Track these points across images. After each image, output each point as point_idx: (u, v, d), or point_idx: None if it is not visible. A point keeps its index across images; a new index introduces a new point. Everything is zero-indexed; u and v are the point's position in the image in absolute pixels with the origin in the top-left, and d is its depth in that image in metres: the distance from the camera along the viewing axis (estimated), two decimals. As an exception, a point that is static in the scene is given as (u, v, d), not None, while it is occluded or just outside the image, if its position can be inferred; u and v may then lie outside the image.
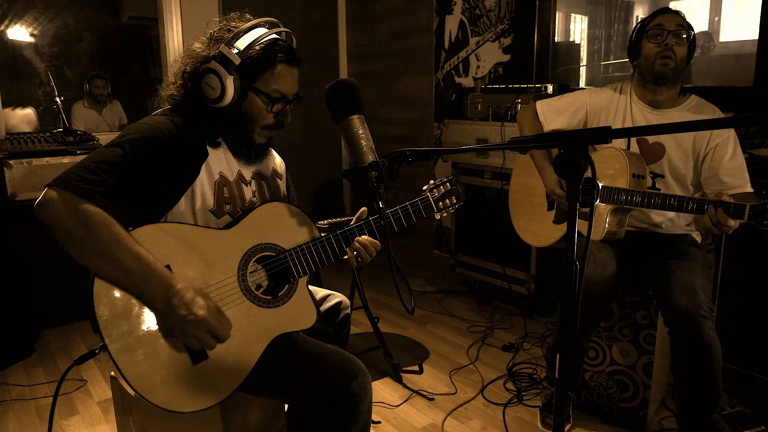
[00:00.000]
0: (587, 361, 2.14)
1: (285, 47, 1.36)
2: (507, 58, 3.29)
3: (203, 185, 1.35)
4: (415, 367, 2.57)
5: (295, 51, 1.39)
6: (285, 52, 1.36)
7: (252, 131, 1.41)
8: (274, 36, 1.36)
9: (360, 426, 1.34)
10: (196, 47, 1.37)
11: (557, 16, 3.27)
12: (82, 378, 2.49)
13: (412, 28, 3.89)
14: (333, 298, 1.68)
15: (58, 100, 3.33)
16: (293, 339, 1.39)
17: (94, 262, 1.19)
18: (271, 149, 1.59)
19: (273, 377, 1.34)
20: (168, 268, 1.23)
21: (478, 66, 3.47)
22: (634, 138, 1.98)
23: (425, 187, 1.57)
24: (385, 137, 4.10)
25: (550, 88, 2.91)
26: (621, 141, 2.00)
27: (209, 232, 1.32)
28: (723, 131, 1.89)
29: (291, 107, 1.43)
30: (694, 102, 1.97)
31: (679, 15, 1.90)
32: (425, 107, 3.86)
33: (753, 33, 2.42)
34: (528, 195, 2.21)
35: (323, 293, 1.69)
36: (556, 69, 3.32)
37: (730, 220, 1.62)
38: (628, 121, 1.99)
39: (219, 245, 1.31)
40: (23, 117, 4.38)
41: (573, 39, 3.64)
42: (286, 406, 1.62)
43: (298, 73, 1.41)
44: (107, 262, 1.18)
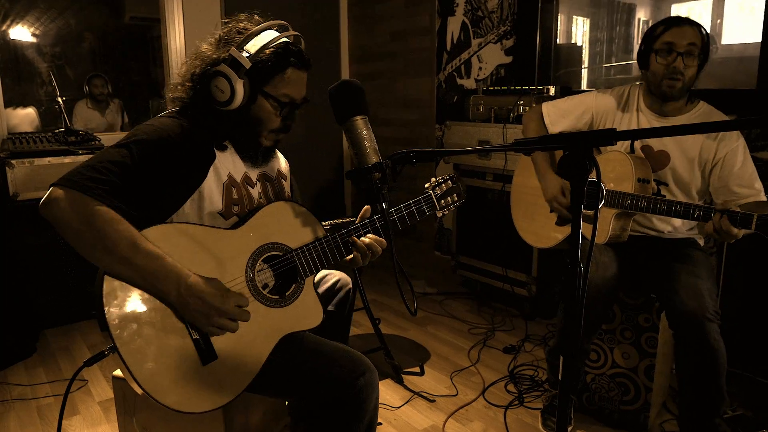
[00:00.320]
0: (589, 364, 2.14)
1: (295, 51, 1.35)
2: (509, 59, 3.29)
3: (211, 188, 1.34)
4: (416, 369, 2.56)
5: (305, 55, 1.38)
6: (295, 56, 1.35)
7: (260, 134, 1.41)
8: (284, 40, 1.35)
9: (367, 422, 1.34)
10: (204, 49, 1.37)
11: (559, 18, 3.27)
12: (83, 378, 2.48)
13: (413, 29, 3.89)
14: (330, 277, 1.67)
15: (59, 100, 3.33)
16: (299, 337, 1.40)
17: (102, 260, 1.18)
18: (277, 151, 1.59)
19: (280, 376, 1.34)
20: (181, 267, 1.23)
21: (480, 68, 3.47)
22: (638, 145, 1.98)
23: (427, 185, 1.57)
24: (385, 139, 4.10)
25: (552, 90, 2.91)
26: (625, 147, 1.98)
27: (217, 232, 1.32)
28: (732, 141, 1.85)
29: (299, 111, 1.43)
30: (702, 110, 1.94)
31: (693, 27, 1.81)
32: (426, 109, 3.86)
33: (756, 36, 2.42)
34: (531, 195, 2.21)
35: (319, 275, 1.67)
36: (558, 71, 3.33)
37: (733, 228, 1.60)
38: (633, 127, 1.97)
39: (227, 245, 1.32)
40: (25, 117, 4.38)
41: (575, 41, 3.64)
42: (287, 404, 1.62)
43: (306, 77, 1.41)
44: (116, 259, 1.17)
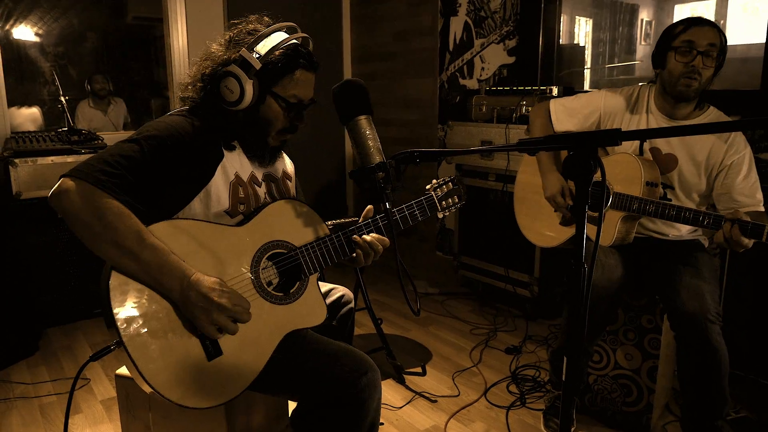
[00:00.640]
0: (591, 365, 2.14)
1: (304, 53, 1.37)
2: (512, 60, 3.29)
3: (218, 187, 1.35)
4: (418, 369, 2.56)
5: (313, 56, 1.40)
6: (304, 57, 1.37)
7: (268, 134, 1.42)
8: (293, 41, 1.37)
9: (369, 422, 1.34)
10: (215, 50, 1.38)
11: (562, 18, 3.27)
12: (85, 377, 2.49)
13: (415, 29, 3.89)
14: (336, 292, 1.69)
15: (62, 99, 3.33)
16: (302, 336, 1.40)
17: (109, 253, 1.19)
18: (283, 152, 1.61)
19: (282, 374, 1.34)
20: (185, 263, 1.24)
21: (482, 68, 3.46)
22: (647, 147, 1.97)
23: (428, 187, 1.58)
24: (388, 139, 4.10)
25: (555, 90, 2.90)
26: (633, 149, 1.97)
27: (223, 229, 1.33)
28: (739, 149, 1.85)
29: (306, 111, 1.44)
30: (712, 115, 1.93)
31: (714, 29, 1.78)
32: (428, 109, 3.86)
33: (759, 36, 2.41)
34: (535, 194, 2.19)
35: (326, 288, 1.69)
36: (560, 71, 3.32)
37: (743, 238, 1.60)
38: (642, 128, 1.97)
39: (232, 242, 1.32)
40: (28, 116, 4.39)
41: (577, 41, 3.64)
42: (290, 405, 1.62)
43: (314, 78, 1.42)
44: (123, 253, 1.18)
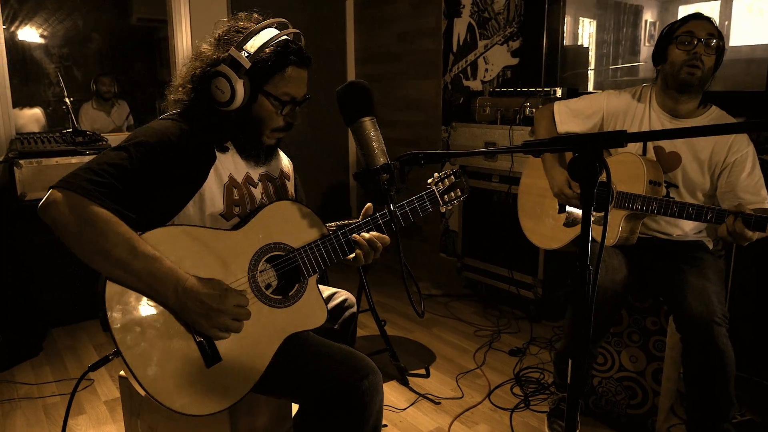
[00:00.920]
0: (596, 367, 2.13)
1: (295, 50, 1.35)
2: (515, 61, 3.28)
3: (212, 190, 1.34)
4: (422, 371, 2.56)
5: (305, 52, 1.37)
6: (295, 54, 1.34)
7: (261, 133, 1.40)
8: (283, 38, 1.34)
9: (371, 425, 1.33)
10: (204, 49, 1.36)
11: (566, 19, 3.26)
12: (89, 377, 2.48)
13: (419, 30, 3.88)
14: (339, 296, 1.67)
15: (67, 100, 3.34)
16: (303, 338, 1.39)
17: (101, 263, 1.17)
18: (279, 150, 1.58)
19: (284, 377, 1.33)
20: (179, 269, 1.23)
21: (486, 69, 3.46)
22: (651, 146, 1.96)
23: (430, 180, 1.56)
24: (391, 140, 4.08)
25: (558, 91, 2.90)
26: (637, 148, 1.97)
27: (219, 233, 1.31)
28: (742, 147, 1.85)
29: (300, 108, 1.42)
30: (714, 114, 1.93)
31: (711, 22, 1.85)
32: (432, 110, 3.86)
33: (764, 37, 2.41)
34: (538, 196, 2.20)
35: (329, 291, 1.68)
36: (564, 72, 3.31)
37: (747, 231, 1.60)
38: (645, 129, 1.96)
39: (228, 246, 1.31)
40: (31, 116, 4.41)
41: (581, 43, 3.64)
42: (293, 407, 1.61)
43: (307, 74, 1.40)
44: (114, 263, 1.16)
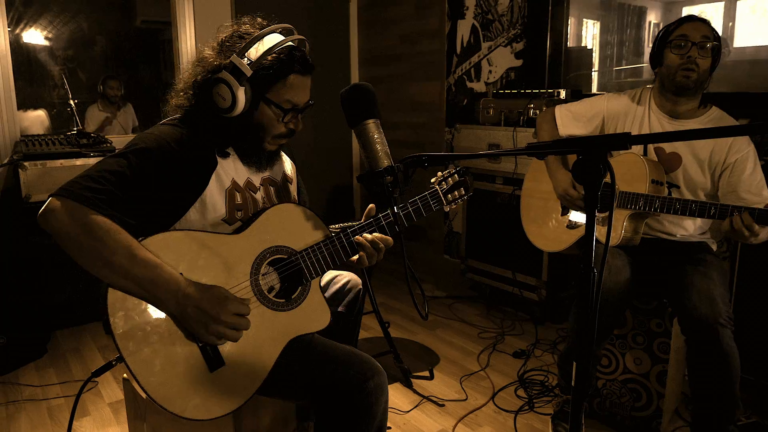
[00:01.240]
0: (600, 369, 2.12)
1: (298, 57, 1.33)
2: (519, 63, 3.28)
3: (213, 195, 1.34)
4: (426, 373, 2.56)
5: (308, 59, 1.36)
6: (298, 62, 1.33)
7: (263, 140, 1.40)
8: (287, 45, 1.33)
9: (376, 426, 1.33)
10: (206, 54, 1.35)
11: (569, 21, 3.26)
12: (93, 380, 2.49)
13: (423, 32, 3.89)
14: (341, 278, 1.65)
15: (71, 102, 3.35)
16: (307, 340, 1.39)
17: (101, 270, 1.17)
18: (282, 153, 1.58)
19: (288, 379, 1.33)
20: (180, 275, 1.23)
21: (490, 71, 3.46)
22: (651, 147, 1.96)
23: (433, 180, 1.55)
24: (395, 142, 4.09)
25: (562, 93, 2.90)
26: (638, 149, 1.97)
27: (221, 237, 1.31)
28: (742, 147, 1.85)
29: (302, 115, 1.42)
30: (714, 114, 1.93)
31: (705, 24, 1.85)
32: (435, 112, 3.86)
33: (769, 39, 2.40)
34: (541, 200, 2.20)
35: (331, 275, 1.66)
36: (568, 74, 3.31)
37: (755, 224, 1.60)
38: (645, 130, 1.96)
39: (231, 250, 1.31)
40: (35, 119, 4.42)
41: (585, 44, 3.63)
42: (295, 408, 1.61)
43: (310, 81, 1.39)
44: (114, 270, 1.16)
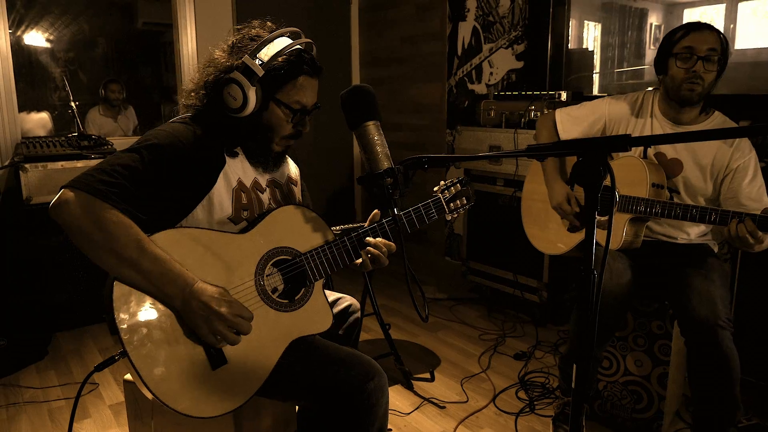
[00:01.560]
0: (601, 371, 2.12)
1: (307, 59, 1.37)
2: (520, 64, 3.29)
3: (221, 194, 1.35)
4: (427, 375, 2.55)
5: (317, 62, 1.39)
6: (307, 64, 1.36)
7: (271, 141, 1.42)
8: (296, 47, 1.36)
9: (377, 427, 1.34)
10: (218, 56, 1.38)
11: (571, 23, 3.26)
12: (94, 381, 2.50)
13: (424, 34, 3.89)
14: (343, 301, 1.68)
15: (73, 104, 3.36)
16: (309, 341, 1.39)
17: (110, 263, 1.19)
18: (287, 157, 1.60)
19: (289, 380, 1.34)
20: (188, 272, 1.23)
21: (491, 73, 3.46)
22: (652, 152, 1.96)
23: (436, 188, 1.56)
24: (396, 144, 4.10)
25: (563, 95, 2.90)
26: (638, 153, 1.96)
27: (226, 236, 1.32)
28: (744, 153, 1.85)
29: (310, 117, 1.44)
30: (716, 120, 1.92)
31: (713, 32, 1.79)
32: (436, 114, 3.86)
33: (770, 41, 2.40)
34: (542, 202, 2.19)
35: (333, 297, 1.68)
36: (569, 76, 3.31)
37: (757, 230, 1.60)
38: (646, 133, 1.96)
39: (236, 249, 1.32)
40: (38, 121, 4.43)
41: (586, 46, 3.63)
42: (296, 408, 1.61)
43: (318, 84, 1.42)
44: (124, 263, 1.18)
